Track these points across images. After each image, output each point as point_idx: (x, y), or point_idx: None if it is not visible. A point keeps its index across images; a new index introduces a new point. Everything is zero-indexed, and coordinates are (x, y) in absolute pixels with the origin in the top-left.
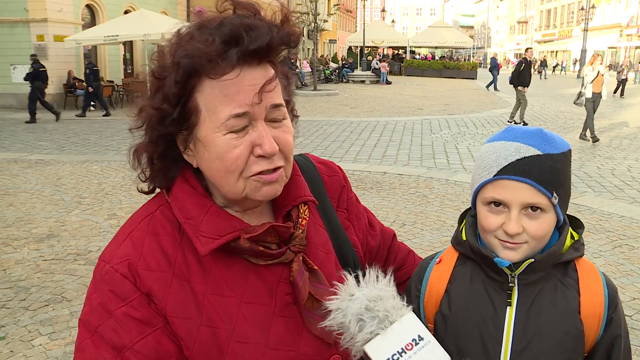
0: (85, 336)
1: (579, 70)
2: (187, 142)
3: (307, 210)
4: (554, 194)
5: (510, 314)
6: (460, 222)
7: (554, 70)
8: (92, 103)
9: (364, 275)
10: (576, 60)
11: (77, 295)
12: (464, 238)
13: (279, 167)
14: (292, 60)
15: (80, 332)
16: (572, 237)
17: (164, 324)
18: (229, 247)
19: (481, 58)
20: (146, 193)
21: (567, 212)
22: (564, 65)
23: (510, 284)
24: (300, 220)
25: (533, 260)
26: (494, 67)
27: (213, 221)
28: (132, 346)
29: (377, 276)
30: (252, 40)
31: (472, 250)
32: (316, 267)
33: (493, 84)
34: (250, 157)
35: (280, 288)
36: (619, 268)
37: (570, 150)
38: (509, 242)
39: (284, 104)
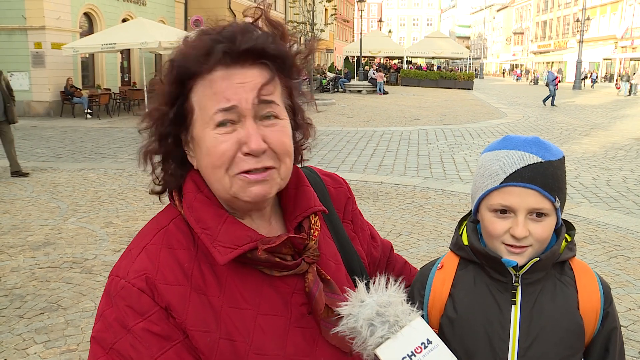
0: (100, 354)
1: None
2: (188, 143)
3: (318, 221)
4: (557, 199)
5: (516, 312)
6: (458, 228)
7: (582, 85)
8: (89, 111)
9: (374, 282)
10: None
11: (72, 303)
12: (466, 243)
13: (269, 168)
14: None
15: (94, 350)
16: (565, 239)
17: (184, 338)
18: (244, 258)
19: (478, 69)
20: (157, 194)
21: (563, 219)
22: (594, 77)
23: (514, 284)
24: (312, 231)
25: (538, 259)
26: (552, 81)
27: (230, 231)
28: None
29: (387, 283)
30: (245, 41)
31: (475, 253)
32: (329, 278)
33: (550, 99)
34: (238, 155)
35: (294, 299)
36: (615, 279)
37: (564, 157)
38: (516, 246)
39: (277, 103)
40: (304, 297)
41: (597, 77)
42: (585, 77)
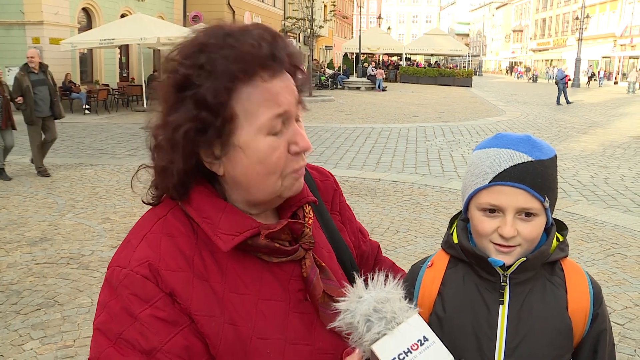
0: (106, 345)
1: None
2: (220, 152)
3: (311, 210)
4: (546, 198)
5: (503, 312)
6: (450, 226)
7: (589, 83)
8: (87, 106)
9: (372, 278)
10: (548, 69)
11: (69, 299)
12: (456, 241)
13: None
14: None
15: (98, 341)
16: (557, 239)
17: (190, 323)
18: (244, 245)
19: (477, 66)
20: (153, 205)
21: (556, 218)
22: (601, 76)
23: (502, 283)
24: (306, 219)
25: (525, 259)
26: (561, 79)
27: (231, 219)
28: (162, 347)
29: (385, 279)
30: (285, 46)
31: (464, 252)
32: (324, 264)
33: (564, 98)
34: (287, 156)
35: (291, 285)
36: (612, 277)
37: (556, 155)
38: (504, 246)
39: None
40: (301, 283)
41: (604, 75)
42: (592, 76)
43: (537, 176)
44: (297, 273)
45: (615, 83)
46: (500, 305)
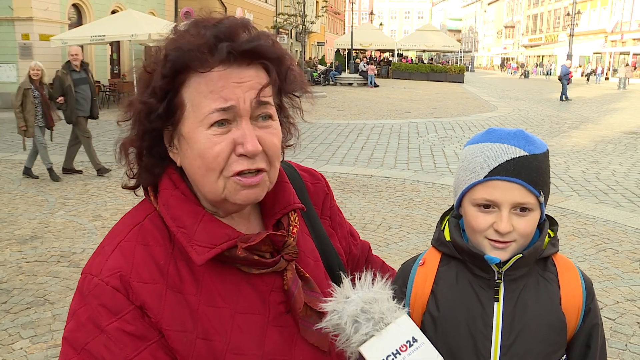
0: (71, 355)
1: (563, 75)
2: (172, 139)
3: (297, 218)
4: (541, 193)
5: (498, 310)
6: (440, 223)
7: (588, 79)
8: None
9: (360, 278)
10: (536, 64)
11: (60, 297)
12: (448, 238)
13: (261, 170)
14: None
15: (65, 350)
16: (548, 234)
17: (159, 338)
18: (222, 256)
19: (469, 62)
20: (131, 189)
21: (547, 214)
22: (598, 72)
23: (497, 281)
24: (291, 228)
25: (521, 255)
26: (564, 75)
27: (208, 230)
28: None
29: (373, 279)
30: (248, 40)
31: (458, 249)
32: (308, 275)
33: (563, 94)
34: (232, 156)
35: (272, 297)
36: (603, 272)
37: (548, 150)
38: (499, 242)
39: (271, 104)
40: (282, 295)
41: (602, 72)
42: (591, 73)
43: (532, 170)
44: (279, 284)
45: (607, 79)
46: (495, 303)
